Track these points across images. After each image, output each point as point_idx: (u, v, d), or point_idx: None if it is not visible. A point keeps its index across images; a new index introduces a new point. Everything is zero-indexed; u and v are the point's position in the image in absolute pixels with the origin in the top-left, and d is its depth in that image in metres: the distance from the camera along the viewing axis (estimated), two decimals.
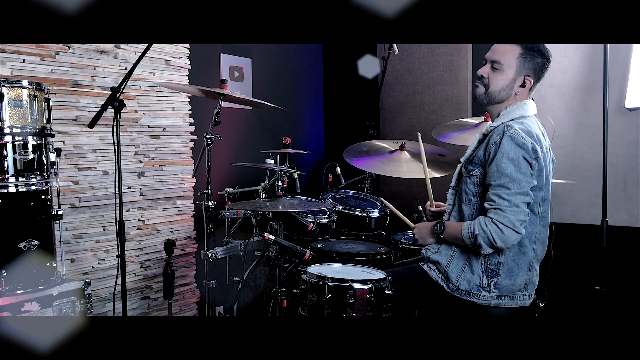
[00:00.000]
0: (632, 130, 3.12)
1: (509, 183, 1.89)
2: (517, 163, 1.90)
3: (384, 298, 2.06)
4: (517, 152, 1.90)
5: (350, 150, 3.15)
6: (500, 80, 2.04)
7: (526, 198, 1.90)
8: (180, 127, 3.30)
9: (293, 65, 4.29)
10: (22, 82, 2.18)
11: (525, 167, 1.91)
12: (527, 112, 2.04)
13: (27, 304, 2.13)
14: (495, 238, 1.88)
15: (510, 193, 1.89)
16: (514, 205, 1.88)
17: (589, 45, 3.29)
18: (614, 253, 2.90)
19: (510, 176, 1.89)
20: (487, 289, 1.99)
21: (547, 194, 2.02)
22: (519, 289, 2.00)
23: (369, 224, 3.03)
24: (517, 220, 1.87)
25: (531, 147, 1.92)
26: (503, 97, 2.06)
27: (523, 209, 1.89)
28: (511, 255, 1.98)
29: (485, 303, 1.99)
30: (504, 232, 1.87)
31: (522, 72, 2.03)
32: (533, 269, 2.03)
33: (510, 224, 1.87)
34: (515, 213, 1.87)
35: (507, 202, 1.88)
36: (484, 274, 1.99)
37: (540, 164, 1.94)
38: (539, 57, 2.02)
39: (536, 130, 2.00)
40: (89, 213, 2.84)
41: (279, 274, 2.27)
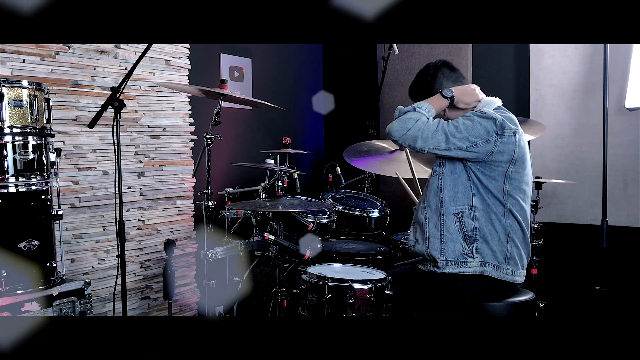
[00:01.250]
0: (632, 130, 3.12)
1: (450, 124, 2.00)
2: (472, 123, 1.98)
3: (384, 298, 2.07)
4: (481, 121, 1.98)
5: (350, 150, 3.15)
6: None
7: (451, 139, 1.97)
8: (180, 127, 3.30)
9: (293, 65, 4.28)
10: (22, 82, 2.18)
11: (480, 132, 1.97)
12: (496, 104, 2.13)
13: (27, 304, 2.13)
14: (394, 123, 2.02)
15: (443, 125, 1.99)
16: (437, 127, 1.99)
17: (589, 45, 3.29)
18: (614, 253, 2.90)
19: (456, 124, 1.99)
20: (471, 255, 2.03)
21: (518, 175, 2.05)
22: (500, 260, 2.03)
23: (369, 224, 3.03)
24: (419, 130, 1.97)
25: (501, 122, 1.99)
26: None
27: (437, 136, 1.97)
28: (483, 221, 2.03)
29: (473, 271, 2.03)
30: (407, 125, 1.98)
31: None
32: (512, 242, 2.05)
33: (415, 127, 1.97)
34: (429, 127, 1.99)
35: (435, 123, 2.00)
36: (464, 242, 2.04)
37: (505, 142, 1.99)
38: (429, 76, 2.17)
39: (511, 115, 2.09)
40: (89, 213, 2.84)
41: (279, 274, 2.27)
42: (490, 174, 2.02)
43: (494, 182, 2.03)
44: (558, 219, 3.43)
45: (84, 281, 2.35)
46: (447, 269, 2.05)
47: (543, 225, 2.89)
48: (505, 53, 3.58)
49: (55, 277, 2.30)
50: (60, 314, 2.24)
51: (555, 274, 3.30)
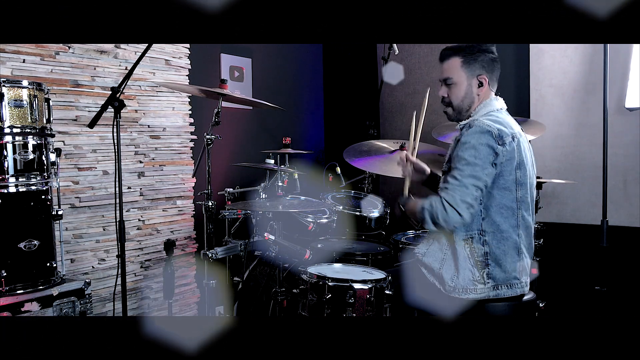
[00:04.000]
0: (632, 130, 3.12)
1: (464, 166, 1.94)
2: (476, 149, 1.94)
3: (384, 298, 2.06)
4: (480, 139, 1.94)
5: (350, 150, 3.15)
6: (458, 91, 2.12)
7: (477, 182, 1.92)
8: (180, 127, 3.30)
9: (293, 65, 4.28)
10: (22, 82, 2.18)
11: (484, 154, 1.94)
12: (494, 107, 2.10)
13: (27, 304, 2.13)
14: (438, 214, 1.92)
15: (463, 174, 1.93)
16: (463, 186, 1.91)
17: (589, 45, 3.29)
18: (614, 253, 2.90)
19: (466, 160, 1.94)
20: (482, 282, 1.99)
21: (525, 179, 2.03)
22: (514, 276, 2.01)
23: (369, 224, 3.03)
24: (461, 200, 1.90)
25: (497, 132, 1.95)
26: (468, 104, 2.13)
27: (471, 191, 1.92)
28: (494, 243, 1.99)
29: (484, 296, 1.99)
30: (447, 211, 1.90)
31: (473, 75, 2.10)
32: (523, 254, 2.02)
33: (454, 203, 1.90)
34: (462, 194, 1.91)
35: (458, 182, 1.92)
36: (474, 268, 2.00)
37: (509, 149, 1.97)
38: (480, 54, 2.10)
39: (506, 119, 2.05)
40: (89, 213, 2.84)
41: (279, 274, 2.27)
42: (504, 185, 1.98)
43: (507, 193, 1.98)
44: (558, 219, 3.43)
45: (84, 281, 2.35)
46: (453, 293, 2.03)
47: (543, 225, 2.89)
48: (505, 53, 3.58)
49: (55, 277, 2.30)
50: (60, 314, 2.24)
51: (555, 274, 3.30)
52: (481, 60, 2.10)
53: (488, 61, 2.11)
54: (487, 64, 2.11)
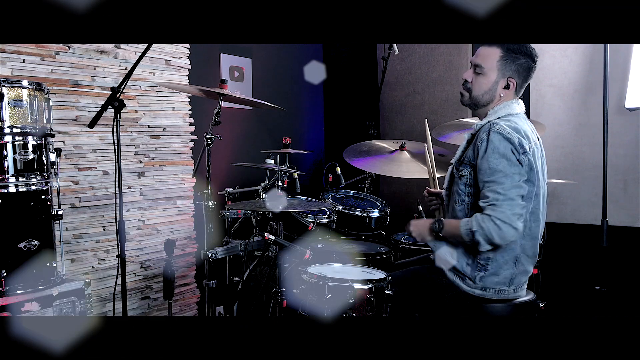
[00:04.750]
0: (632, 130, 3.12)
1: (502, 178, 1.89)
2: (508, 157, 1.90)
3: (384, 298, 2.06)
4: (506, 147, 1.90)
5: (350, 150, 3.15)
6: (483, 83, 2.05)
7: (520, 190, 1.89)
8: (180, 127, 3.30)
9: (293, 65, 4.28)
10: (22, 82, 2.18)
11: (514, 161, 1.90)
12: (514, 111, 2.04)
13: (27, 304, 2.13)
14: (493, 234, 1.86)
15: (505, 187, 1.88)
16: (509, 199, 1.87)
17: (589, 45, 3.29)
18: (614, 253, 2.90)
19: (502, 171, 1.89)
20: (472, 279, 2.01)
21: (539, 190, 1.99)
22: (505, 282, 2.00)
23: (369, 224, 3.03)
24: (512, 214, 1.86)
25: (518, 142, 1.91)
26: (487, 100, 2.07)
27: (518, 201, 1.88)
28: (499, 251, 1.97)
29: (469, 291, 2.01)
30: (501, 228, 1.85)
31: (505, 74, 2.03)
32: (520, 263, 2.01)
33: (506, 218, 1.85)
34: (511, 206, 1.87)
35: (503, 196, 1.87)
36: (469, 267, 2.01)
37: (529, 160, 1.93)
38: (522, 57, 2.02)
39: (524, 127, 2.00)
40: (89, 213, 2.84)
41: (279, 274, 2.27)
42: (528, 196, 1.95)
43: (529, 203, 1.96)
44: (558, 219, 3.43)
45: (84, 281, 2.35)
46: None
47: None
48: None
49: (55, 277, 2.30)
50: (60, 314, 2.24)
51: (555, 274, 3.29)
52: (519, 63, 2.02)
53: (525, 67, 2.03)
54: (524, 69, 2.03)
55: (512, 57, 2.01)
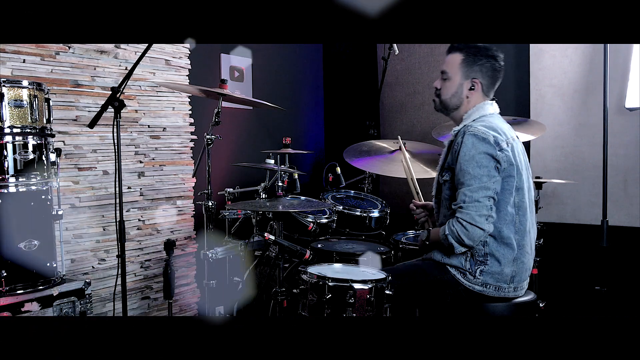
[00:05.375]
0: (632, 130, 3.12)
1: (470, 180, 1.96)
2: (477, 159, 1.96)
3: (384, 298, 2.06)
4: (478, 148, 1.96)
5: (350, 150, 3.15)
6: (449, 87, 2.14)
7: (487, 192, 1.94)
8: (180, 127, 3.30)
9: (293, 65, 4.28)
10: (22, 82, 2.18)
11: (486, 162, 1.95)
12: (487, 112, 2.11)
13: (27, 304, 2.13)
14: (461, 236, 1.95)
15: (472, 189, 1.95)
16: (475, 201, 1.94)
17: (589, 45, 3.29)
18: (614, 253, 2.90)
19: (471, 173, 1.96)
20: (472, 274, 2.03)
21: (522, 183, 2.04)
22: (505, 280, 2.03)
23: (369, 224, 3.03)
24: (477, 215, 1.93)
25: (493, 139, 1.97)
26: (456, 103, 2.15)
27: (485, 203, 1.94)
28: (495, 246, 2.01)
29: (469, 287, 2.03)
30: (468, 229, 1.93)
31: (468, 76, 2.12)
32: (519, 260, 2.04)
33: (471, 219, 1.93)
34: (477, 208, 1.93)
35: (469, 198, 1.95)
36: (468, 262, 2.04)
37: (507, 155, 1.98)
38: (483, 59, 2.11)
39: (500, 125, 2.06)
40: (89, 213, 2.84)
41: (279, 274, 2.27)
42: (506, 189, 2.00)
43: (509, 197, 2.00)
44: (558, 219, 3.43)
45: (84, 281, 2.35)
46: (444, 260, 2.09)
47: (543, 225, 2.89)
48: (505, 53, 3.57)
49: (55, 277, 2.30)
50: (60, 314, 2.24)
51: (555, 274, 3.30)
52: (481, 64, 2.10)
53: (489, 68, 2.11)
54: (487, 70, 2.11)
55: (473, 60, 2.11)
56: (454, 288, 2.07)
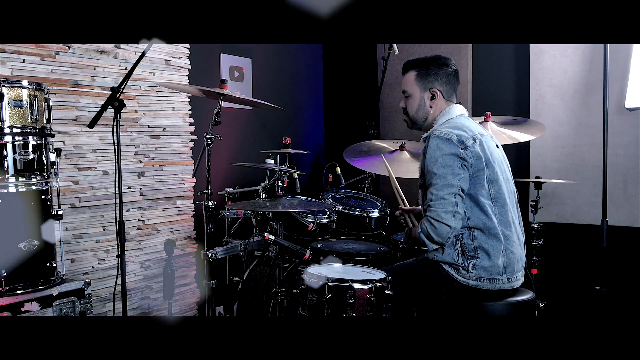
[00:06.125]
0: (632, 130, 3.12)
1: (435, 179, 2.03)
2: (440, 160, 2.02)
3: (384, 298, 2.07)
4: (442, 149, 2.02)
5: (350, 150, 3.15)
6: (412, 103, 2.23)
7: (452, 189, 2.00)
8: (180, 127, 3.30)
9: (293, 65, 4.28)
10: (22, 82, 2.18)
11: (450, 161, 2.02)
12: (453, 114, 2.18)
13: (27, 304, 2.13)
14: (430, 233, 2.01)
15: (437, 187, 2.02)
16: (440, 199, 2.00)
17: (589, 45, 3.29)
18: (614, 253, 2.90)
19: (435, 173, 2.03)
20: (465, 269, 2.06)
21: (496, 175, 2.08)
22: (497, 271, 2.05)
23: (369, 224, 3.03)
24: (443, 212, 1.99)
25: (457, 138, 2.03)
26: (422, 116, 2.23)
27: (450, 200, 2.00)
28: (483, 239, 2.05)
29: (463, 282, 2.06)
30: (435, 226, 2.00)
31: (425, 88, 2.20)
32: (508, 251, 2.07)
33: (438, 216, 1.99)
34: (442, 205, 2.00)
35: (435, 196, 2.02)
36: (460, 257, 2.07)
37: (472, 151, 2.03)
38: (434, 68, 2.19)
39: (466, 123, 2.12)
40: (89, 213, 2.84)
41: (279, 274, 2.27)
42: (479, 185, 2.05)
43: (483, 191, 2.05)
44: (558, 219, 3.43)
45: (84, 281, 2.35)
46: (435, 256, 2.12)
47: (543, 225, 2.89)
48: (505, 53, 3.58)
49: (55, 277, 2.30)
50: (60, 314, 2.24)
51: (555, 274, 3.30)
52: (435, 74, 2.18)
53: (443, 75, 2.19)
54: (442, 77, 2.19)
55: (426, 72, 2.20)
56: (449, 284, 2.09)
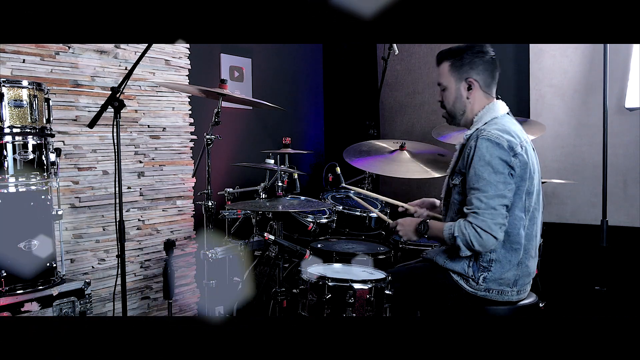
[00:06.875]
0: (632, 130, 3.12)
1: (486, 186, 1.90)
2: (493, 165, 1.91)
3: (384, 298, 2.06)
4: (493, 153, 1.91)
5: (350, 150, 3.15)
6: (449, 95, 2.11)
7: (504, 200, 1.90)
8: (180, 127, 3.30)
9: (293, 65, 4.28)
10: (22, 82, 2.18)
11: (502, 168, 1.91)
12: (498, 113, 2.06)
13: (27, 304, 2.13)
14: (473, 241, 1.90)
15: (488, 196, 1.89)
16: (491, 208, 1.89)
17: (589, 45, 3.29)
18: (614, 253, 2.90)
19: (487, 179, 1.90)
20: (475, 280, 2.00)
21: (532, 187, 1.99)
22: (508, 284, 2.00)
23: (369, 224, 3.03)
24: (494, 223, 1.88)
25: (507, 144, 1.92)
26: (460, 108, 2.11)
27: (501, 211, 1.90)
28: (503, 252, 1.98)
29: (471, 292, 2.00)
30: (482, 237, 1.88)
31: (461, 78, 2.08)
32: (523, 264, 2.01)
33: (487, 228, 1.88)
34: (493, 216, 1.88)
35: (485, 204, 1.89)
36: (471, 269, 2.00)
37: (521, 159, 1.94)
38: (469, 57, 2.06)
39: (512, 127, 2.01)
40: (89, 213, 2.84)
41: (279, 274, 2.27)
42: (517, 193, 1.95)
43: (519, 202, 1.96)
44: (558, 219, 3.43)
45: (84, 281, 2.35)
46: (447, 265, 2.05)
47: (543, 225, 2.89)
48: (505, 53, 3.58)
49: (55, 277, 2.30)
50: (60, 314, 2.24)
51: (555, 274, 3.30)
52: (470, 63, 2.06)
53: (480, 63, 2.06)
54: (478, 65, 2.06)
55: (460, 61, 2.07)
56: (456, 292, 2.04)
